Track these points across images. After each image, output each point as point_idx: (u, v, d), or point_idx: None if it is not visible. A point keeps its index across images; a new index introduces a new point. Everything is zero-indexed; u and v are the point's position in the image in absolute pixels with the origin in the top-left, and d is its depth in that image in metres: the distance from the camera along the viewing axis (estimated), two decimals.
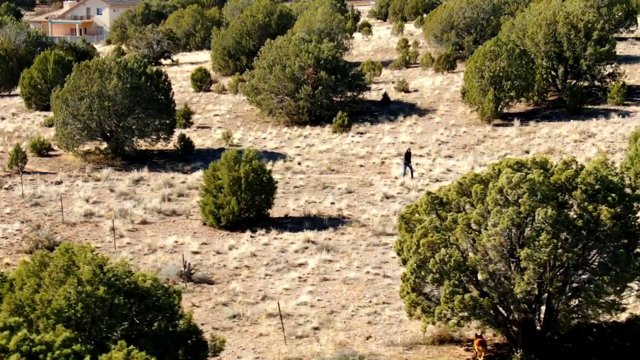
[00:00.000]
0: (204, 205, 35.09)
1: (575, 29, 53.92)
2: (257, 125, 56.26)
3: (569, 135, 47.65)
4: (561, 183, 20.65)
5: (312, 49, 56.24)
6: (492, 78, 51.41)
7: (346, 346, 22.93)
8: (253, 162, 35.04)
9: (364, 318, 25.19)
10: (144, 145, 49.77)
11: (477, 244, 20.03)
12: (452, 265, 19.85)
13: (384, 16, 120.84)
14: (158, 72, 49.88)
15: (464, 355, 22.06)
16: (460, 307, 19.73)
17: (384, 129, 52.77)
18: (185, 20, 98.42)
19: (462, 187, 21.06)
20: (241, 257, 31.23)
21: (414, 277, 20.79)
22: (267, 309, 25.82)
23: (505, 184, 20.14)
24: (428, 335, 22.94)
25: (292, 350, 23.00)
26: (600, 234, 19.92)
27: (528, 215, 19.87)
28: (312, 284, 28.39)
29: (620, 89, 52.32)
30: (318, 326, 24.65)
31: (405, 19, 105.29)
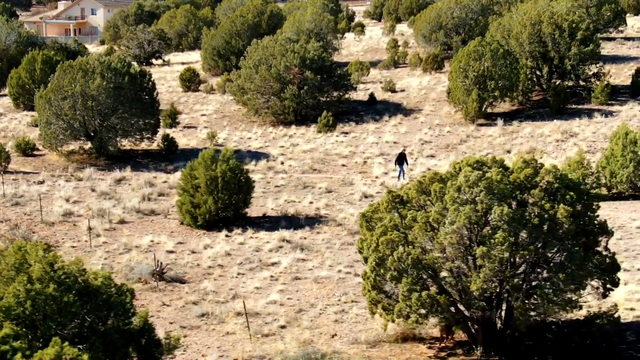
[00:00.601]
0: (181, 204, 35.21)
1: (560, 29, 54.04)
2: (243, 125, 56.41)
3: (551, 135, 47.76)
4: (520, 181, 20.73)
5: (297, 49, 56.37)
6: (476, 78, 51.53)
7: (310, 344, 23.02)
8: (230, 162, 35.16)
9: (332, 316, 25.30)
10: (128, 145, 49.94)
11: (435, 242, 20.13)
12: (410, 262, 19.96)
13: (378, 16, 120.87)
14: (142, 71, 50.03)
15: (425, 353, 22.17)
16: (418, 304, 19.84)
17: (368, 129, 52.89)
18: (177, 21, 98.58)
19: (422, 185, 21.17)
20: (215, 256, 31.34)
21: (374, 275, 20.91)
22: (235, 307, 25.92)
23: (463, 182, 20.25)
24: (392, 333, 23.07)
25: (257, 348, 23.09)
26: (557, 232, 20.02)
27: (485, 214, 19.97)
28: (283, 282, 28.50)
29: (604, 89, 52.42)
30: (285, 324, 24.74)
31: (400, 19, 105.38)
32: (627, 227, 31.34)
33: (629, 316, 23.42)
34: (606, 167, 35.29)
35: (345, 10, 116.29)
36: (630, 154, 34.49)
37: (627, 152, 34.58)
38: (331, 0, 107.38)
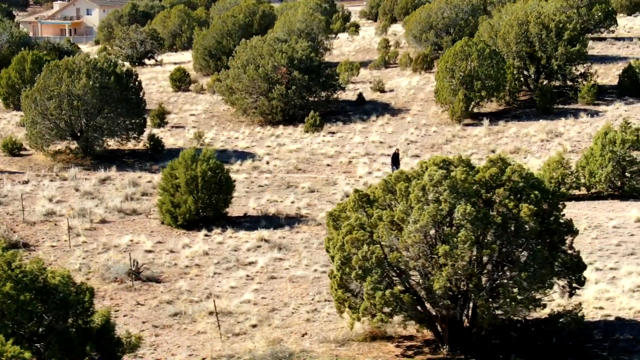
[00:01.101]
0: (161, 204, 35.28)
1: (547, 29, 54.11)
2: (232, 124, 56.49)
3: (536, 134, 47.83)
4: (485, 181, 20.80)
5: (285, 49, 56.45)
6: (463, 78, 51.60)
7: (280, 343, 23.08)
8: (210, 161, 35.21)
9: (304, 315, 25.37)
10: (115, 145, 50.01)
11: (400, 241, 20.20)
12: (374, 261, 20.04)
13: (374, 16, 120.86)
14: (128, 71, 50.11)
15: (393, 352, 22.25)
16: (382, 303, 19.91)
17: (355, 129, 52.96)
18: (171, 21, 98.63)
19: (388, 184, 21.25)
20: (193, 255, 31.41)
21: (340, 274, 20.99)
22: (209, 307, 25.97)
23: (427, 181, 20.32)
24: (361, 332, 23.14)
25: (226, 347, 23.17)
26: (521, 231, 20.09)
27: (450, 213, 20.04)
28: (259, 282, 28.57)
29: (591, 89, 52.48)
30: (256, 324, 24.83)
31: (396, 20, 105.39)
32: (603, 227, 31.40)
33: (597, 315, 23.50)
34: (585, 167, 35.35)
35: (341, 10, 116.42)
36: (609, 154, 34.55)
37: (606, 151, 34.64)
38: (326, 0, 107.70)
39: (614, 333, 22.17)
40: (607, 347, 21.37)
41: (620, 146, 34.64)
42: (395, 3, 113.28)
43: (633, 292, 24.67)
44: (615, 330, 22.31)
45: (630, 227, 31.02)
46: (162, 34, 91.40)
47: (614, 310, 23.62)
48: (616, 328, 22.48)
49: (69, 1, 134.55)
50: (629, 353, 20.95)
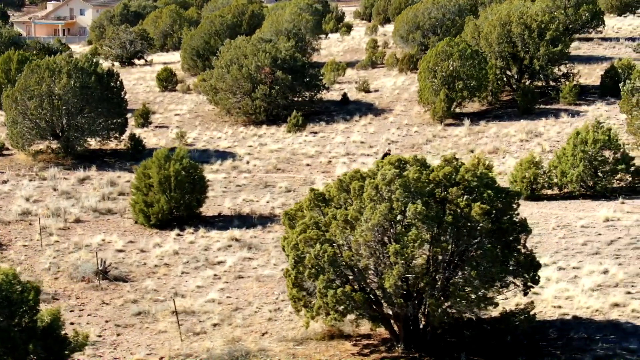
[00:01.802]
0: (134, 203, 35.36)
1: (529, 29, 54.18)
2: (215, 124, 56.56)
3: (516, 134, 47.90)
4: (439, 180, 20.88)
5: (269, 49, 56.52)
6: (445, 78, 51.68)
7: (239, 342, 23.15)
8: (184, 161, 35.28)
9: (266, 315, 25.45)
10: (97, 145, 50.08)
11: (352, 240, 20.28)
12: (326, 260, 20.11)
13: (368, 17, 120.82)
14: (110, 71, 50.20)
15: (349, 350, 22.32)
16: (334, 301, 19.98)
17: (338, 129, 53.04)
18: (162, 21, 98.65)
19: (343, 184, 21.32)
20: (163, 255, 31.50)
21: (295, 273, 21.06)
22: (172, 306, 26.01)
23: (380, 180, 20.40)
24: (319, 330, 23.21)
25: (186, 346, 23.24)
26: (472, 230, 20.17)
27: (403, 212, 20.11)
28: (225, 281, 28.65)
29: (572, 89, 52.54)
30: (218, 323, 24.89)
31: (389, 20, 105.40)
32: (572, 226, 31.47)
33: (555, 314, 23.58)
34: (558, 167, 35.42)
35: (335, 10, 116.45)
36: (581, 154, 34.61)
37: (578, 151, 34.71)
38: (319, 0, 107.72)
39: (569, 332, 22.25)
40: (561, 346, 21.43)
41: (592, 146, 34.71)
42: (388, 3, 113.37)
43: (592, 291, 24.74)
44: (571, 329, 22.39)
45: (598, 227, 31.09)
46: (153, 34, 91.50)
47: (572, 309, 23.69)
48: (572, 327, 22.55)
49: (63, 1, 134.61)
50: (582, 352, 21.02)
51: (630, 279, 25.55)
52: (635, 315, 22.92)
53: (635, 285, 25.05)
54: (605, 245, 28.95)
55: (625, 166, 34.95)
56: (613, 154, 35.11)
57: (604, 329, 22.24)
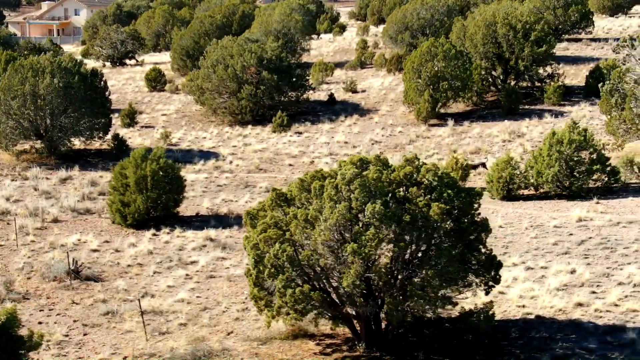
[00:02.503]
0: (111, 203, 35.40)
1: (514, 30, 54.24)
2: (201, 124, 56.64)
3: (499, 135, 47.97)
4: (400, 179, 20.93)
5: (255, 49, 56.58)
6: (430, 78, 51.73)
7: (203, 342, 23.19)
8: (160, 161, 35.33)
9: (234, 314, 25.48)
10: (81, 145, 50.15)
11: (311, 239, 20.33)
12: (285, 259, 20.16)
13: (363, 17, 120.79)
14: (93, 71, 50.26)
15: (312, 350, 22.37)
16: (292, 301, 20.03)
17: (323, 129, 53.11)
18: (155, 21, 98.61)
19: (304, 183, 21.37)
20: (137, 255, 31.52)
21: (256, 272, 21.11)
22: (142, 306, 26.05)
23: (340, 180, 20.45)
24: (283, 330, 23.27)
25: (150, 346, 23.28)
26: (430, 230, 20.22)
27: (360, 211, 20.16)
28: (197, 281, 28.67)
29: (557, 90, 52.61)
30: (185, 322, 24.92)
31: (384, 20, 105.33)
32: (544, 226, 31.52)
33: (519, 313, 23.63)
34: (534, 167, 35.48)
35: (330, 11, 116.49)
36: (556, 154, 34.65)
37: (553, 151, 34.75)
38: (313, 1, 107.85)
39: (530, 331, 22.29)
40: (521, 345, 21.48)
41: (567, 146, 34.74)
42: (383, 4, 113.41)
43: (558, 290, 24.79)
44: (532, 329, 22.44)
45: (570, 227, 31.14)
46: (145, 34, 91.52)
47: (536, 309, 23.74)
48: (534, 326, 22.60)
49: (57, 2, 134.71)
50: (541, 351, 21.06)
51: (597, 279, 25.60)
52: (597, 315, 22.97)
53: (600, 285, 25.10)
54: (575, 245, 29.00)
55: (600, 166, 34.98)
56: (589, 154, 35.15)
57: (566, 328, 22.29)
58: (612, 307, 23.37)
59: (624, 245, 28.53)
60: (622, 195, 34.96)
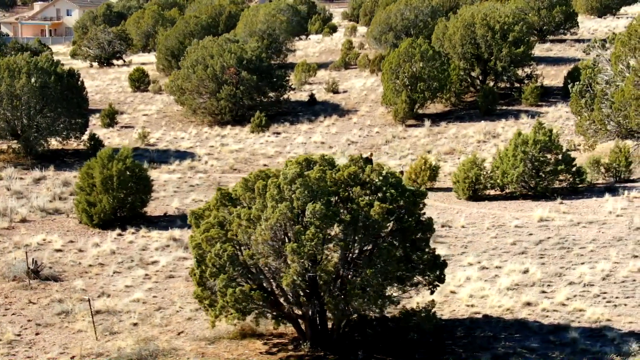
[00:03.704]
0: (78, 203, 35.44)
1: (492, 31, 54.26)
2: (181, 125, 56.71)
3: (474, 135, 48.02)
4: (344, 179, 20.96)
5: (235, 49, 56.63)
6: (407, 79, 51.77)
7: (152, 341, 23.22)
8: (127, 161, 35.36)
9: (187, 314, 25.50)
10: (59, 145, 50.19)
11: (253, 239, 20.36)
12: (226, 259, 20.19)
13: (355, 18, 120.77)
14: (70, 71, 50.28)
15: (259, 349, 22.40)
16: (232, 300, 20.06)
17: (301, 129, 53.18)
18: (145, 21, 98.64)
19: (248, 183, 21.41)
20: (100, 255, 31.54)
21: (199, 272, 21.14)
22: (96, 305, 26.10)
23: (282, 180, 20.49)
24: (232, 329, 23.31)
25: (98, 345, 23.31)
26: (371, 229, 20.25)
27: (302, 211, 20.19)
28: (155, 281, 28.70)
29: (534, 90, 52.63)
30: (137, 322, 24.93)
31: None
32: (505, 226, 31.54)
33: (467, 312, 23.66)
34: (499, 167, 35.51)
35: (322, 11, 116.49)
36: (521, 154, 34.68)
37: (518, 152, 34.78)
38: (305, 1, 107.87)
39: (476, 330, 22.32)
40: (465, 344, 21.51)
41: (532, 147, 34.77)
42: (375, 4, 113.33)
43: (508, 290, 24.82)
44: (478, 328, 22.48)
45: (531, 227, 31.17)
46: (135, 34, 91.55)
47: (484, 308, 23.77)
48: (480, 325, 22.64)
49: (50, 2, 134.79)
50: (483, 350, 21.09)
51: (548, 279, 25.64)
52: (544, 315, 23.01)
53: (551, 285, 25.13)
54: (533, 245, 29.03)
55: (565, 167, 35.01)
56: (555, 154, 35.17)
57: (511, 327, 22.33)
58: (560, 307, 23.41)
59: (580, 245, 28.57)
60: (587, 196, 35.00)
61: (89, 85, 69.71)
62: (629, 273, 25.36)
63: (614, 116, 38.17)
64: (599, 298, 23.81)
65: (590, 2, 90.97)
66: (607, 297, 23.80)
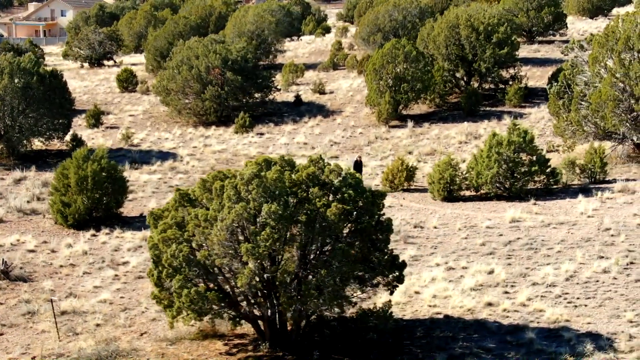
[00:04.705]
0: (53, 203, 35.45)
1: (476, 32, 54.26)
2: (166, 125, 56.71)
3: (456, 136, 48.01)
4: (302, 180, 20.97)
5: (219, 50, 56.64)
6: (391, 80, 51.77)
7: (114, 342, 23.23)
8: (102, 161, 35.37)
9: (151, 315, 25.49)
10: (42, 145, 50.20)
11: (208, 239, 20.37)
12: (182, 259, 20.20)
13: (350, 19, 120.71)
14: (53, 72, 50.30)
15: (218, 350, 22.42)
16: (188, 301, 20.07)
17: (285, 130, 53.17)
18: (137, 22, 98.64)
19: (206, 184, 21.42)
20: (72, 255, 31.55)
21: (157, 272, 21.15)
22: (63, 306, 26.13)
23: (239, 180, 20.50)
24: (193, 330, 23.32)
25: (60, 346, 23.32)
26: (328, 230, 20.26)
27: (259, 212, 20.20)
28: (124, 282, 28.71)
29: (517, 92, 52.62)
30: (101, 323, 24.95)
31: None
32: (477, 227, 31.53)
33: (429, 313, 23.67)
34: (474, 168, 35.51)
35: (317, 12, 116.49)
36: (495, 155, 34.67)
37: (493, 153, 34.77)
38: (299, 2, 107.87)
39: (435, 330, 22.33)
40: (423, 344, 21.52)
41: (506, 148, 34.76)
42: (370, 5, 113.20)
43: (472, 290, 24.83)
44: (438, 328, 22.48)
45: (502, 228, 31.16)
46: (127, 35, 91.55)
47: (446, 309, 23.77)
48: (440, 326, 22.64)
49: (44, 2, 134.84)
50: (440, 350, 21.10)
51: (513, 279, 25.64)
52: (504, 315, 23.01)
53: (515, 286, 25.13)
54: (502, 245, 29.02)
55: (539, 168, 35.01)
56: (529, 155, 35.16)
57: (470, 328, 22.34)
58: (520, 307, 23.41)
59: (548, 246, 28.56)
60: (561, 197, 34.97)
61: (77, 86, 70.03)
62: (592, 274, 25.36)
63: (591, 117, 38.16)
64: (560, 299, 23.81)
65: (582, 3, 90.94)
66: (569, 298, 23.80)
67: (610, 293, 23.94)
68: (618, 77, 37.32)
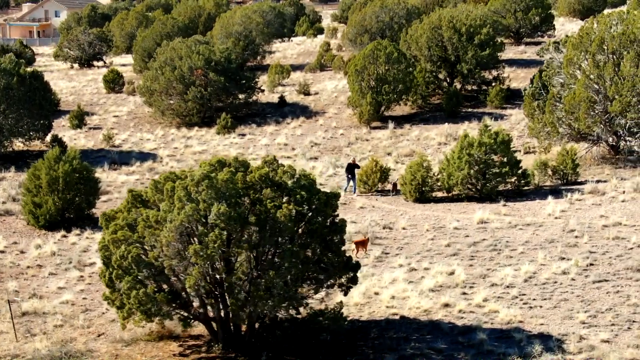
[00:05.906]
0: (24, 204, 35.45)
1: (459, 33, 54.24)
2: (149, 126, 56.71)
3: (435, 138, 48.02)
4: (255, 181, 20.95)
5: (202, 51, 56.64)
6: (372, 81, 51.76)
7: (70, 343, 23.21)
8: (74, 162, 35.37)
9: (111, 316, 25.39)
10: (24, 146, 50.24)
11: (158, 240, 20.35)
12: (131, 260, 20.18)
13: (345, 19, 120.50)
14: (34, 73, 50.32)
15: (173, 351, 22.39)
16: (137, 302, 20.05)
17: (267, 131, 53.19)
18: (129, 23, 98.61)
19: (158, 185, 21.40)
20: (40, 256, 31.53)
21: (108, 274, 21.13)
22: (24, 307, 26.10)
23: (189, 181, 20.48)
24: (148, 331, 23.29)
25: (16, 347, 23.29)
26: (278, 231, 20.23)
27: (209, 213, 20.18)
28: (88, 283, 28.68)
29: (499, 93, 52.61)
30: (60, 324, 24.90)
31: None
32: (445, 228, 31.51)
33: (386, 314, 23.63)
34: (445, 169, 35.49)
35: (312, 13, 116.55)
36: (466, 157, 34.65)
37: (464, 154, 34.75)
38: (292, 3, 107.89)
39: (390, 331, 22.28)
40: (376, 345, 21.49)
41: (477, 149, 34.74)
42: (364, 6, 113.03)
43: (430, 291, 24.79)
44: (392, 329, 22.44)
45: (469, 229, 31.13)
46: (119, 36, 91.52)
47: (403, 309, 23.73)
48: (395, 326, 22.60)
49: (38, 3, 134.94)
50: (391, 351, 21.06)
51: (472, 280, 25.60)
52: (459, 316, 22.98)
53: (473, 287, 25.10)
54: (466, 246, 28.99)
55: (510, 169, 34.98)
56: (501, 157, 35.14)
57: (424, 328, 22.30)
58: (476, 308, 23.38)
59: (512, 247, 28.54)
60: (531, 198, 34.95)
61: (65, 87, 70.10)
62: (551, 275, 25.33)
63: (565, 119, 38.13)
64: (516, 299, 23.78)
65: (573, 4, 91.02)
66: (525, 299, 23.77)
67: (567, 294, 23.90)
68: (592, 78, 37.30)
